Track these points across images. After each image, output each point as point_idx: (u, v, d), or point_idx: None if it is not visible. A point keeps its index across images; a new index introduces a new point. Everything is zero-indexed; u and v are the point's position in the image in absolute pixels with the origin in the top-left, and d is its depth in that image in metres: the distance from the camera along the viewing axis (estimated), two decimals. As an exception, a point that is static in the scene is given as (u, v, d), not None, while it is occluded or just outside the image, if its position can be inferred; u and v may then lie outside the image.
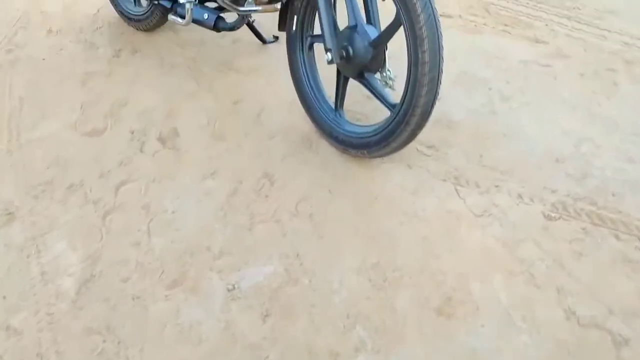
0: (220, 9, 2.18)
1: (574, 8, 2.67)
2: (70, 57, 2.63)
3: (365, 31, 1.80)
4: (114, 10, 2.84)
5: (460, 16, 2.72)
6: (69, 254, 1.71)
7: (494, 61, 2.40)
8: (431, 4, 1.59)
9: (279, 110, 2.24)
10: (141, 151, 2.10)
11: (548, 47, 2.45)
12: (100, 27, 2.84)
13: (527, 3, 2.75)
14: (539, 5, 2.72)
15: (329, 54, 1.80)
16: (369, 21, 1.86)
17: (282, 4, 2.03)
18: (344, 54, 1.82)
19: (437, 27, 1.60)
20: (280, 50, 2.41)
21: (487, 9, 2.76)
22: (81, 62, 2.59)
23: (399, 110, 1.74)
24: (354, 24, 1.82)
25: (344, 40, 1.82)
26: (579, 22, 2.57)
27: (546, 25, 2.58)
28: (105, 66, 2.56)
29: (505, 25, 2.62)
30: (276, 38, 2.55)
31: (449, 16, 2.72)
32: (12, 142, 2.15)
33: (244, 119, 2.21)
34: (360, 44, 1.79)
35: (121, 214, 1.86)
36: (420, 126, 1.73)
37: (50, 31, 2.81)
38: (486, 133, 2.04)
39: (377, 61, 1.82)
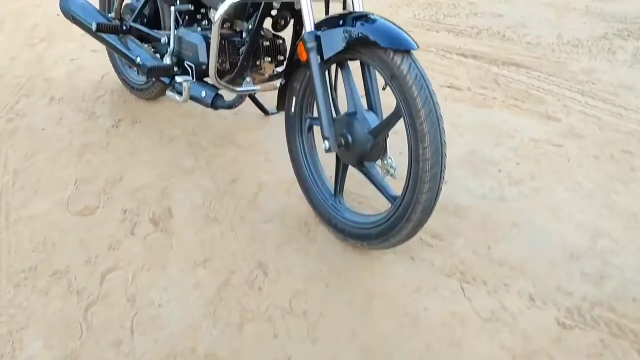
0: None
1: (587, 82, 2.58)
2: (69, 127, 2.58)
3: (365, 119, 1.72)
4: (118, 78, 2.83)
5: (469, 88, 2.65)
6: (44, 355, 1.60)
7: (504, 139, 2.30)
8: (432, 99, 1.51)
9: (276, 191, 2.15)
10: (132, 233, 2.01)
11: (560, 124, 2.34)
12: (102, 95, 2.81)
13: (539, 76, 2.67)
14: (550, 78, 2.64)
15: (326, 142, 1.70)
16: (369, 106, 1.77)
17: (281, 84, 1.96)
18: (343, 141, 1.73)
19: (439, 122, 1.51)
20: (281, 123, 2.34)
21: (497, 80, 2.68)
22: (80, 133, 2.54)
23: (400, 205, 1.63)
24: (354, 110, 1.74)
25: (342, 128, 1.74)
26: (593, 98, 2.48)
27: (558, 100, 2.49)
28: (103, 137, 2.51)
29: (516, 99, 2.53)
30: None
31: (458, 88, 2.65)
32: (1, 221, 2.07)
33: (240, 200, 2.12)
34: (360, 132, 1.71)
35: (105, 307, 1.75)
36: (421, 223, 1.62)
37: (52, 99, 2.79)
38: (495, 222, 1.92)
39: (377, 149, 1.73)
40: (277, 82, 2.02)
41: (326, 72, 1.77)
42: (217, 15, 1.80)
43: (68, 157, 2.39)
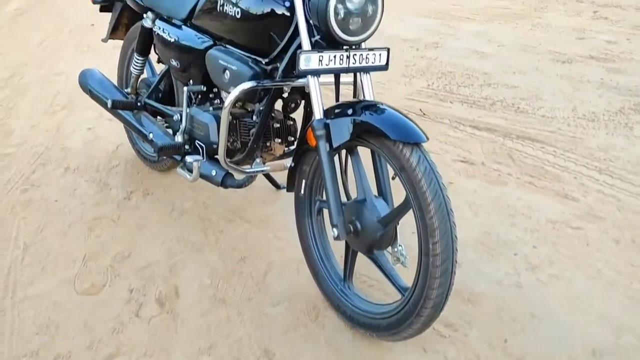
0: (230, 163, 2.12)
1: (604, 159, 2.53)
2: (82, 199, 2.59)
3: (375, 206, 1.69)
4: (132, 149, 2.86)
5: (483, 163, 2.61)
6: None
7: (520, 219, 2.24)
8: (442, 192, 1.47)
9: (286, 271, 2.11)
10: (137, 315, 1.97)
11: (578, 205, 2.28)
12: (116, 166, 2.83)
13: (554, 151, 2.63)
14: (566, 154, 2.60)
15: (334, 230, 1.66)
16: (379, 192, 1.74)
17: (290, 166, 1.94)
18: (352, 229, 1.70)
19: (449, 217, 1.47)
20: (292, 197, 2.32)
21: (512, 155, 2.65)
22: (92, 205, 2.55)
23: (410, 298, 1.58)
24: (363, 197, 1.71)
25: (351, 214, 1.71)
26: (611, 177, 2.42)
27: (575, 178, 2.44)
28: (115, 210, 2.50)
29: (531, 176, 2.49)
30: (290, 185, 2.47)
31: (472, 163, 2.62)
32: (7, 299, 2.04)
33: (249, 280, 2.07)
34: (369, 220, 1.68)
35: (104, 397, 1.70)
36: (432, 318, 1.56)
37: (67, 169, 2.81)
38: (512, 312, 1.85)
39: (387, 237, 1.68)
40: (287, 162, 2.00)
41: (336, 157, 1.76)
42: (227, 100, 1.81)
43: (78, 231, 2.39)
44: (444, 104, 3.13)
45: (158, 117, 2.49)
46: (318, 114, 1.66)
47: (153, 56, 2.57)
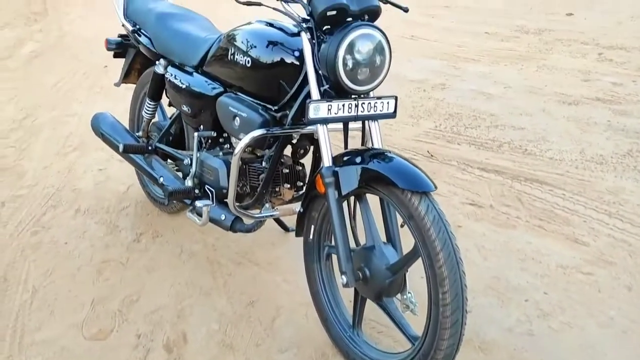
0: (240, 208, 2.13)
1: (614, 203, 2.53)
2: (91, 241, 2.60)
3: (383, 253, 1.69)
4: (142, 190, 2.88)
5: (491, 206, 2.61)
6: None
7: (530, 264, 2.23)
8: (451, 241, 1.47)
9: (294, 316, 2.10)
10: (144, 361, 1.96)
11: (589, 249, 2.27)
12: (126, 207, 2.85)
13: (563, 194, 2.63)
14: (575, 197, 2.60)
15: (343, 277, 1.66)
16: (388, 239, 1.74)
17: (300, 211, 1.95)
18: (360, 276, 1.69)
19: (458, 266, 1.47)
20: (301, 241, 2.33)
21: (520, 198, 2.65)
22: (101, 247, 2.56)
23: (420, 348, 1.56)
24: (372, 244, 1.71)
25: (360, 261, 1.71)
26: (621, 221, 2.41)
27: (585, 221, 2.43)
28: (124, 253, 2.51)
29: (540, 219, 2.48)
30: (299, 227, 2.47)
31: (480, 206, 2.62)
32: (14, 345, 2.03)
33: (257, 326, 2.06)
34: (378, 267, 1.67)
35: None
36: (445, 367, 1.54)
37: (78, 211, 2.84)
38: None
39: (396, 285, 1.68)
40: (296, 207, 2.01)
41: (344, 203, 1.77)
42: (238, 146, 1.83)
43: (87, 274, 2.39)
44: (452, 145, 3.15)
45: (168, 160, 2.52)
46: (327, 161, 1.68)
47: (164, 100, 2.63)
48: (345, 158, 1.69)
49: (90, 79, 4.62)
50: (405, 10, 1.94)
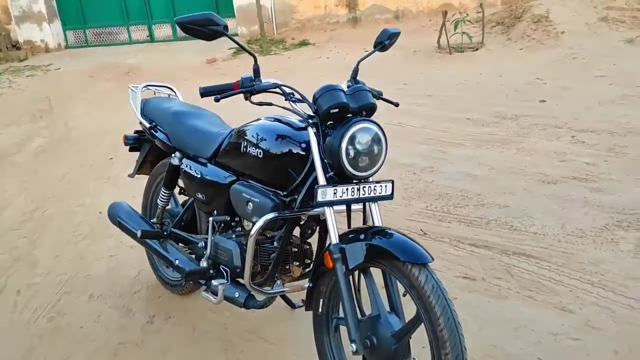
0: (251, 287, 2.29)
1: (596, 273, 2.72)
2: (106, 324, 2.72)
3: (388, 322, 1.85)
4: (153, 274, 3.03)
5: (483, 279, 2.79)
6: None
7: (523, 332, 2.38)
8: (450, 307, 1.65)
9: (305, 389, 2.21)
10: None
11: (576, 317, 2.44)
12: (138, 291, 2.99)
13: (549, 266, 2.82)
14: (560, 269, 2.79)
15: (353, 345, 1.82)
16: (391, 308, 1.91)
17: (309, 287, 2.13)
18: (368, 343, 1.84)
19: (457, 329, 1.64)
20: (307, 315, 2.47)
21: (510, 271, 2.83)
22: (116, 330, 2.68)
23: (427, 409, 1.69)
24: (377, 313, 1.87)
25: (367, 330, 1.86)
26: (603, 289, 2.60)
27: (570, 291, 2.61)
28: (138, 334, 2.63)
29: (530, 290, 2.66)
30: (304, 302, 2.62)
31: (473, 279, 2.80)
32: None
33: (270, 400, 2.17)
34: (383, 335, 1.83)
35: None
36: None
37: (91, 296, 2.97)
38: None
39: (401, 351, 1.82)
40: (304, 283, 2.18)
41: (352, 283, 1.94)
42: (254, 229, 2.03)
43: (104, 356, 2.50)
44: (443, 223, 3.37)
45: (180, 244, 2.70)
46: (334, 239, 1.88)
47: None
48: (350, 236, 1.89)
49: (97, 171, 4.85)
50: (396, 105, 2.24)
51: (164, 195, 2.76)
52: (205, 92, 2.00)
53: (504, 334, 2.38)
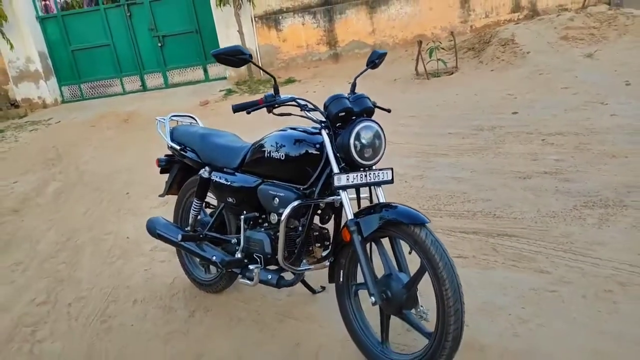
0: (280, 270, 2.74)
1: (567, 243, 3.22)
2: (153, 321, 3.14)
3: (399, 277, 2.32)
4: (187, 278, 3.47)
5: (473, 256, 3.27)
6: None
7: (509, 291, 2.85)
8: (446, 253, 2.13)
9: (334, 348, 2.64)
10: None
11: (552, 276, 2.92)
12: (176, 294, 3.42)
13: (528, 242, 3.31)
14: (537, 242, 3.28)
15: (372, 297, 2.28)
16: (399, 269, 2.38)
17: (330, 262, 2.59)
18: (384, 296, 2.30)
19: (453, 270, 2.11)
20: (327, 298, 2.91)
21: (495, 249, 3.31)
22: (162, 324, 3.10)
23: (434, 339, 2.15)
24: (389, 272, 2.34)
25: (382, 286, 2.32)
26: (574, 254, 3.09)
27: (547, 258, 3.10)
28: (183, 326, 3.06)
29: (513, 260, 3.14)
30: (323, 288, 3.07)
31: (465, 257, 3.27)
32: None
33: (306, 358, 2.60)
34: (396, 287, 2.29)
35: None
36: (454, 350, 2.12)
37: (135, 301, 3.39)
38: (513, 353, 2.40)
39: (411, 300, 2.29)
40: (325, 262, 2.65)
41: (367, 250, 2.41)
42: (284, 214, 2.49)
43: (157, 344, 2.92)
44: (435, 219, 3.85)
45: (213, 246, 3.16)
46: (350, 215, 2.36)
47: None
48: (362, 212, 2.37)
49: (115, 204, 5.29)
50: (389, 111, 2.75)
51: (196, 206, 3.23)
52: (237, 109, 2.50)
53: (494, 293, 2.85)
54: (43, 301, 3.57)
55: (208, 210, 3.43)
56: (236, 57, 2.41)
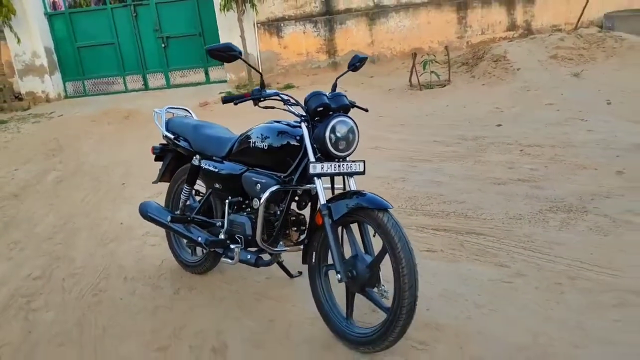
0: (258, 251, 2.98)
1: (527, 241, 3.47)
2: (141, 296, 3.38)
3: (364, 258, 2.57)
4: (175, 261, 3.71)
5: (442, 250, 3.51)
6: None
7: (470, 281, 3.10)
8: (405, 237, 2.38)
9: (303, 325, 2.88)
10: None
11: (510, 269, 3.17)
12: (164, 274, 3.66)
13: (493, 239, 3.56)
14: (501, 240, 3.53)
15: (339, 275, 2.52)
16: (365, 251, 2.63)
17: (304, 244, 2.84)
18: (350, 275, 2.55)
19: (410, 251, 2.36)
20: (302, 282, 3.15)
21: (462, 244, 3.56)
22: (150, 299, 3.34)
23: (391, 312, 2.39)
24: (355, 254, 2.59)
25: (349, 266, 2.57)
26: (532, 252, 3.34)
27: (507, 254, 3.35)
28: (169, 301, 3.29)
29: (477, 255, 3.39)
30: (300, 273, 3.31)
31: (434, 251, 3.52)
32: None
33: (278, 333, 2.84)
34: (360, 267, 2.54)
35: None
36: (407, 322, 2.37)
37: (125, 278, 3.63)
38: (465, 332, 2.64)
39: (373, 279, 2.54)
40: (301, 246, 2.90)
41: (338, 232, 2.65)
42: (263, 197, 2.74)
43: (144, 315, 3.16)
44: (411, 217, 4.10)
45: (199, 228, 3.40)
46: (323, 200, 2.61)
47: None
48: (334, 198, 2.62)
49: (111, 194, 5.54)
50: (366, 110, 3.01)
51: (186, 191, 3.47)
52: (226, 100, 2.76)
53: (456, 282, 3.09)
54: (38, 276, 3.81)
55: (197, 198, 3.68)
56: (227, 53, 2.66)
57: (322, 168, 2.62)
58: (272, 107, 2.79)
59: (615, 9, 11.39)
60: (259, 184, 2.88)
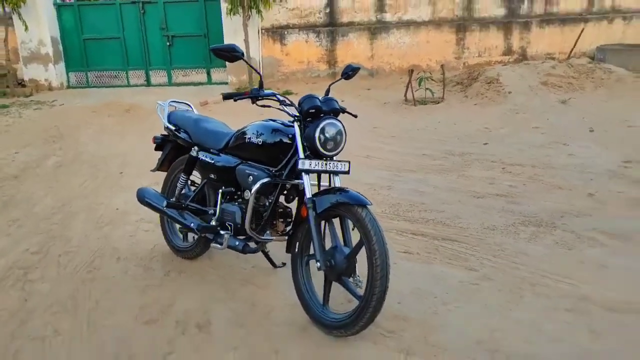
0: (246, 239, 3.21)
1: (498, 250, 3.72)
2: (133, 275, 3.60)
3: (342, 250, 2.81)
4: (167, 245, 3.93)
5: (418, 253, 3.76)
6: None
7: (440, 281, 3.34)
8: (380, 231, 2.62)
9: (283, 310, 3.11)
10: (183, 334, 2.92)
11: (478, 273, 3.41)
12: (155, 257, 3.87)
13: (466, 246, 3.81)
14: (474, 247, 3.78)
15: (318, 263, 2.76)
16: (345, 243, 2.87)
17: (289, 234, 3.07)
18: (329, 264, 2.78)
19: (384, 244, 2.60)
20: (285, 272, 3.38)
21: (438, 249, 3.81)
22: (141, 278, 3.56)
23: (363, 300, 2.63)
24: (335, 245, 2.83)
25: (328, 256, 2.81)
26: (500, 259, 3.59)
27: (477, 259, 3.60)
28: (159, 281, 3.51)
29: (450, 259, 3.63)
30: (284, 264, 3.54)
31: (410, 253, 3.76)
32: (83, 327, 2.98)
33: (260, 316, 3.07)
34: (339, 258, 2.78)
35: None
36: (377, 309, 2.61)
37: (119, 259, 3.85)
38: (430, 324, 2.88)
39: (350, 269, 2.78)
40: (286, 236, 3.13)
41: (320, 225, 2.89)
42: (254, 188, 2.98)
43: (134, 293, 3.38)
44: (393, 222, 4.35)
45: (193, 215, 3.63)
46: (308, 194, 2.84)
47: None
48: (319, 193, 2.87)
49: (109, 181, 5.75)
50: (355, 116, 3.26)
51: (182, 180, 3.70)
52: (227, 97, 3.01)
53: (427, 281, 3.33)
54: (36, 251, 4.02)
55: (192, 188, 3.90)
56: (230, 53, 2.91)
57: (310, 165, 2.85)
58: (269, 106, 3.03)
59: (608, 42, 11.77)
60: (251, 176, 3.11)
